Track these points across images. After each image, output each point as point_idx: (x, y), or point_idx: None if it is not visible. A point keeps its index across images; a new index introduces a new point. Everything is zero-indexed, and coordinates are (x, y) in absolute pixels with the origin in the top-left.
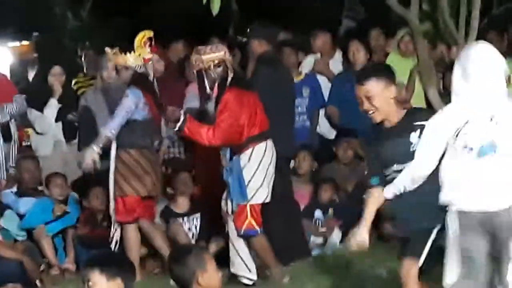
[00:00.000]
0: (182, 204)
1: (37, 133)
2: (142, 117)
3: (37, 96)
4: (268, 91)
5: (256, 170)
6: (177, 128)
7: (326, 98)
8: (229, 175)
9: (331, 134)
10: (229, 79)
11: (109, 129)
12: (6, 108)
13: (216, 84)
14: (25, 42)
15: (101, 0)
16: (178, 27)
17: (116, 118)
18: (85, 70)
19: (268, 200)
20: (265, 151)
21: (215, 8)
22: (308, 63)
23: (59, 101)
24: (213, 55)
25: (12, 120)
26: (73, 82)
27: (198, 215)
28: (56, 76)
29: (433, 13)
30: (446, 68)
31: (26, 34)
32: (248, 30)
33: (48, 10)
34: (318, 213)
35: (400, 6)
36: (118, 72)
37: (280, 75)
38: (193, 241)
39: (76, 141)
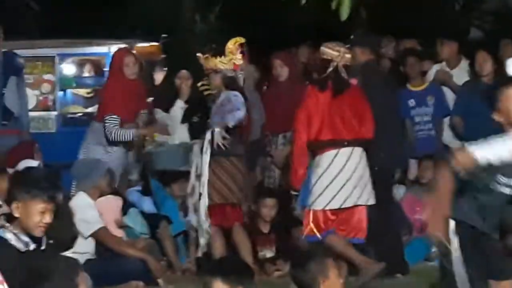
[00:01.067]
0: None
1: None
2: (246, 121)
3: (164, 98)
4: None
5: (321, 176)
6: None
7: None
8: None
9: (455, 144)
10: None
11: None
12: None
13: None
14: (153, 43)
15: (229, 5)
16: (306, 33)
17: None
18: None
19: (331, 207)
20: (334, 158)
21: (344, 14)
22: (434, 72)
23: (186, 103)
24: (327, 50)
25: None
26: (199, 84)
27: None
28: (182, 79)
29: None
30: None
31: (154, 35)
32: (351, 37)
33: (178, 12)
34: None
35: None
36: (209, 76)
37: (383, 84)
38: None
39: None
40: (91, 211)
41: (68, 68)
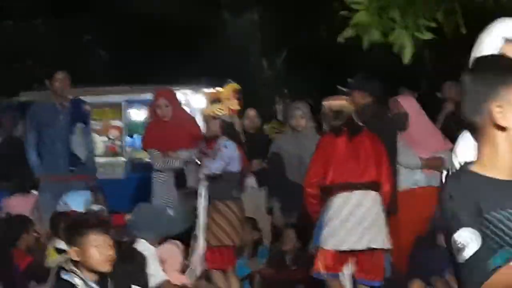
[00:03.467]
0: None
1: None
2: (236, 168)
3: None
4: None
5: (333, 217)
6: None
7: None
8: None
9: None
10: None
11: (211, 170)
12: (184, 153)
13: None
14: (219, 88)
15: (295, 50)
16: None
17: (216, 163)
18: (279, 117)
19: (340, 248)
20: (347, 200)
21: (406, 56)
22: None
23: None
24: (334, 103)
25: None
26: (266, 126)
27: None
28: (250, 119)
29: None
30: None
31: (221, 81)
32: (351, 80)
33: (244, 58)
34: None
35: None
36: (207, 122)
37: (380, 127)
38: None
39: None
40: (153, 262)
41: (136, 114)
